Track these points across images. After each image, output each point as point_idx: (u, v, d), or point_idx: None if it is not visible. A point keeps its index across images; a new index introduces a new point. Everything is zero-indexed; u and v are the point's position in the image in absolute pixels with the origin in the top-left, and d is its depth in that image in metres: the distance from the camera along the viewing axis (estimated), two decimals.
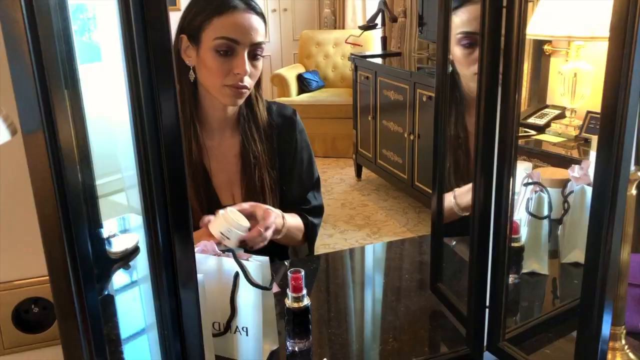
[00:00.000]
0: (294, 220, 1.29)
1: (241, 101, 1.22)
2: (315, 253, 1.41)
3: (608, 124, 0.66)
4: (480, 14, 0.78)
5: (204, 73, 1.19)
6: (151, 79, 0.58)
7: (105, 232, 0.99)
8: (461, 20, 1.02)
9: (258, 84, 1.27)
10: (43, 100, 0.49)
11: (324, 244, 3.15)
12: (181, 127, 0.75)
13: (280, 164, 1.32)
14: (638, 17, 0.63)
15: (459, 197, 1.02)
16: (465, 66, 1.10)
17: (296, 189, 1.35)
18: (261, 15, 1.20)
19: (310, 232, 1.34)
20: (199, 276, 0.74)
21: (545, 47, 2.41)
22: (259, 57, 1.20)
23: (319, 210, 1.37)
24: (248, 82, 1.18)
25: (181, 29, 1.20)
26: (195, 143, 1.23)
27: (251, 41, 1.17)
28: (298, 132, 1.36)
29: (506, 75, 0.82)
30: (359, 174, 4.25)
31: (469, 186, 1.06)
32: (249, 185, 1.28)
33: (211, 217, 1.09)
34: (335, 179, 4.24)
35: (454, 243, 1.06)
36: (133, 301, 1.08)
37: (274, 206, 1.33)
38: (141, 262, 0.89)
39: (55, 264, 0.51)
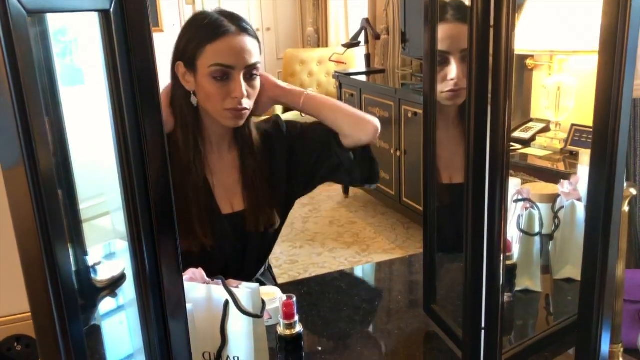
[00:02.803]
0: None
1: (242, 122, 1.22)
2: (305, 273, 1.39)
3: (600, 141, 0.66)
4: (468, 34, 0.78)
5: (204, 98, 1.20)
6: (135, 101, 0.57)
7: (90, 260, 0.96)
8: None
9: None
10: (23, 133, 0.47)
11: (312, 263, 3.12)
12: (180, 143, 0.71)
13: (293, 166, 1.31)
14: (627, 32, 0.62)
15: None
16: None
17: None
18: (254, 36, 1.20)
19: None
20: (188, 306, 0.72)
21: (528, 61, 2.43)
22: (255, 76, 1.20)
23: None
24: (247, 103, 1.19)
25: (177, 56, 1.20)
26: (199, 158, 1.23)
27: (245, 64, 1.16)
28: (287, 132, 1.33)
29: (495, 92, 0.82)
30: (346, 190, 4.24)
31: None
32: (250, 196, 1.28)
33: None
34: (323, 196, 4.22)
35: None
36: (121, 331, 1.05)
37: (280, 216, 1.32)
38: (128, 289, 0.87)
39: (38, 300, 0.48)
